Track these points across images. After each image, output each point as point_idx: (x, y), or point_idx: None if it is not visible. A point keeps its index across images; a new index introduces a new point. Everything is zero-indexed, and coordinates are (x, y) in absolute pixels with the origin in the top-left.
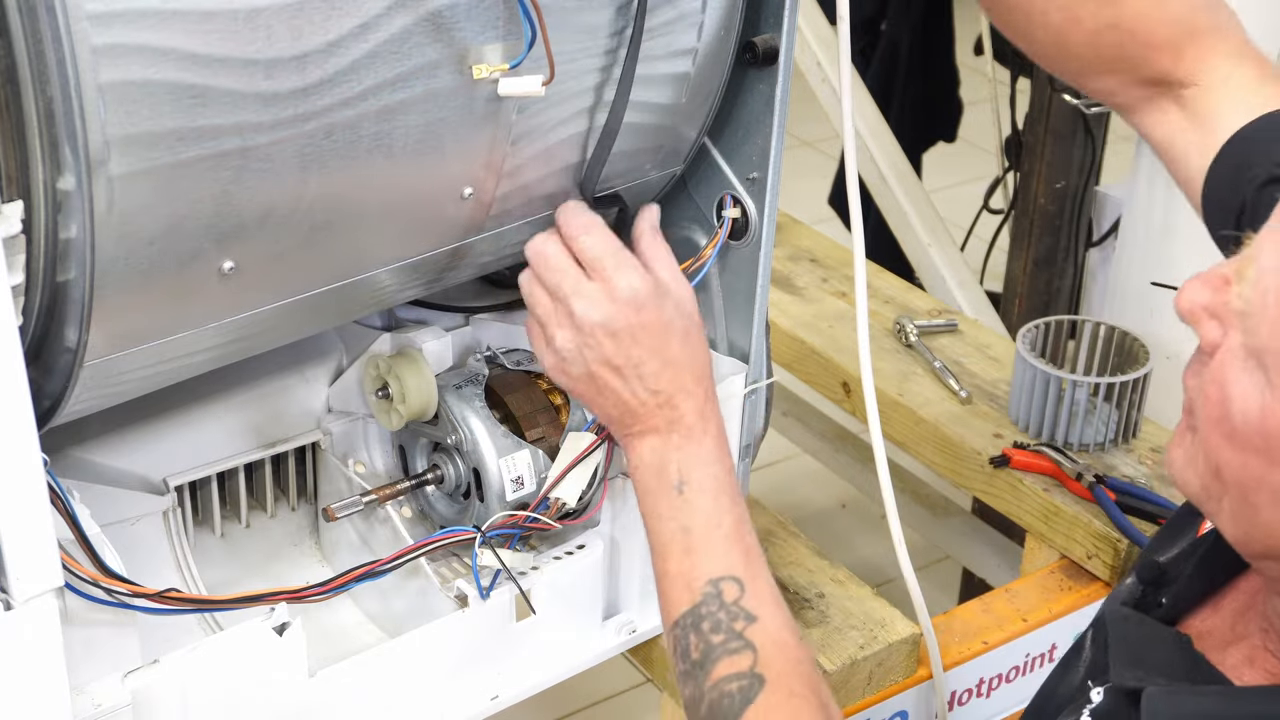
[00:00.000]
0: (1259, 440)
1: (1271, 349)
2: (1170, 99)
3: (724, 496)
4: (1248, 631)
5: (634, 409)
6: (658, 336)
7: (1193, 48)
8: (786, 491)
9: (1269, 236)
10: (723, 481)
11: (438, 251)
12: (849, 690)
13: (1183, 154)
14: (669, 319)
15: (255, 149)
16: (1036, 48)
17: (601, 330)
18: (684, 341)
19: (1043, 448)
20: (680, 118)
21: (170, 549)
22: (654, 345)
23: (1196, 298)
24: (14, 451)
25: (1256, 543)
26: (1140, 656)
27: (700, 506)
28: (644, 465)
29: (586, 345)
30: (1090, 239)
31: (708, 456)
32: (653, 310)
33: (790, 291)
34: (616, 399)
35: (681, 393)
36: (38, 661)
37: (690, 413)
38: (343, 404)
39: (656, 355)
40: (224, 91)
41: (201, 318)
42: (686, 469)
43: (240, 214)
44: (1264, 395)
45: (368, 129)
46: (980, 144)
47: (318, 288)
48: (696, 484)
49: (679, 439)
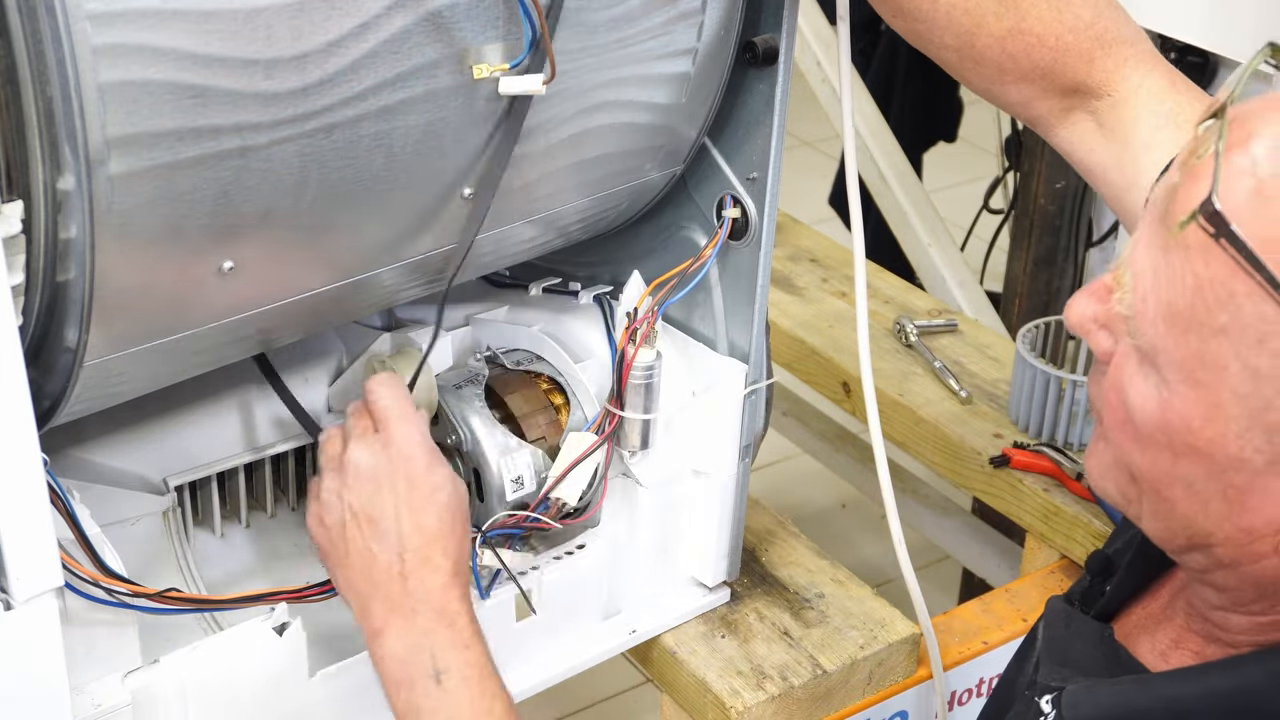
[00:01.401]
0: (1161, 436)
1: (1159, 347)
2: (1085, 111)
3: (489, 681)
4: (1175, 614)
5: (376, 573)
6: (418, 496)
7: (1103, 56)
8: (786, 491)
9: (1140, 239)
10: (483, 666)
11: (437, 251)
12: (849, 690)
13: (1101, 169)
14: (437, 485)
15: (255, 149)
16: (945, 54)
17: (365, 474)
18: (442, 517)
19: (1043, 448)
20: (680, 118)
21: (170, 549)
22: (411, 504)
23: (1084, 310)
24: (14, 451)
25: (1179, 536)
26: (1066, 655)
27: (466, 697)
28: (391, 656)
29: (346, 487)
30: (1090, 239)
31: (461, 639)
32: (422, 469)
33: (790, 291)
34: (363, 558)
35: (427, 565)
36: (38, 661)
37: (435, 590)
38: (343, 404)
39: (411, 515)
40: (224, 91)
41: (201, 318)
42: (441, 656)
43: (240, 214)
44: (1160, 392)
45: (368, 129)
46: (980, 144)
47: (318, 288)
48: (457, 673)
49: (426, 622)
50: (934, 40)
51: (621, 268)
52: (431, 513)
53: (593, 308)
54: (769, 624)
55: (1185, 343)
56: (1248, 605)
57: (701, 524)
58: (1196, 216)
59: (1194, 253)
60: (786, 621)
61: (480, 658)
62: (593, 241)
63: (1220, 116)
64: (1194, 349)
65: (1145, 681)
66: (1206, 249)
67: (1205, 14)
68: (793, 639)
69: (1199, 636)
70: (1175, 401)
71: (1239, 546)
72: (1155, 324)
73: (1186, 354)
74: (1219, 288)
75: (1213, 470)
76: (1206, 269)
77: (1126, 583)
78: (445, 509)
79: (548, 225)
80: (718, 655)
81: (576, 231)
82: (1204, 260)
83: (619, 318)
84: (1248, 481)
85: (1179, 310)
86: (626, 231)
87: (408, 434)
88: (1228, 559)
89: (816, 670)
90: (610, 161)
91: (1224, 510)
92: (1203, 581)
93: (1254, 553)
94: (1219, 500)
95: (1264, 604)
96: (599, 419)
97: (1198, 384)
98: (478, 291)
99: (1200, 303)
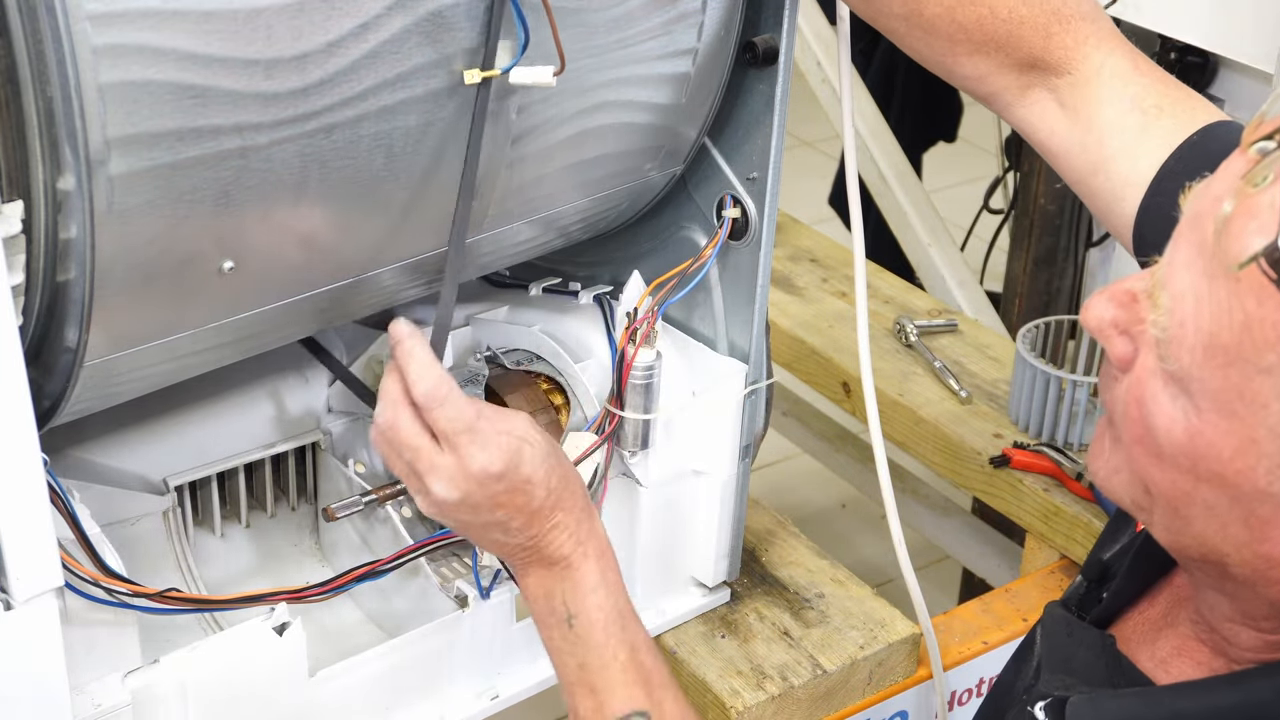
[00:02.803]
0: (1185, 461)
1: (1194, 375)
2: (1044, 88)
3: (614, 624)
4: (1179, 621)
5: (509, 553)
6: (518, 497)
7: (1061, 30)
8: (786, 491)
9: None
10: (609, 608)
11: (437, 251)
12: (849, 690)
13: (1064, 152)
14: (530, 474)
15: (256, 149)
16: (894, 24)
17: (460, 506)
18: (549, 491)
19: (1043, 448)
20: (680, 118)
21: (170, 549)
22: (517, 504)
23: (1104, 314)
24: (14, 451)
25: (1191, 550)
26: (1068, 663)
27: (592, 641)
28: (533, 598)
29: (446, 516)
30: (1090, 239)
31: (591, 582)
32: (511, 476)
33: (790, 291)
34: (492, 546)
35: (552, 530)
36: (38, 661)
37: (565, 543)
38: (343, 404)
39: (520, 513)
40: (224, 92)
41: (202, 318)
42: (573, 600)
43: (240, 214)
44: (1189, 419)
45: (368, 129)
46: (980, 144)
47: (317, 288)
48: (585, 617)
49: (560, 569)
50: (881, 10)
51: (621, 268)
52: (539, 497)
53: (593, 308)
54: (769, 624)
55: (1225, 376)
56: (1259, 621)
57: (701, 524)
58: (1259, 259)
59: (1245, 289)
60: (786, 621)
61: (606, 600)
62: (593, 241)
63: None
64: (1234, 383)
65: (1150, 694)
66: (1261, 288)
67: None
68: (793, 639)
69: (1206, 647)
70: (1206, 430)
71: (1255, 570)
72: (1194, 352)
73: (1225, 386)
74: (1269, 329)
75: (1237, 499)
76: (1259, 308)
77: (1125, 590)
78: (547, 486)
79: (548, 225)
80: (718, 655)
81: (576, 231)
82: (1256, 299)
83: (619, 318)
84: (1272, 513)
85: (1223, 344)
86: (626, 231)
87: (483, 457)
88: (1242, 578)
89: (816, 670)
90: (610, 161)
91: (1244, 536)
92: (1214, 590)
93: (1270, 578)
94: (1239, 526)
95: (1275, 622)
96: (599, 419)
97: (1233, 416)
98: (478, 291)
99: (1248, 340)
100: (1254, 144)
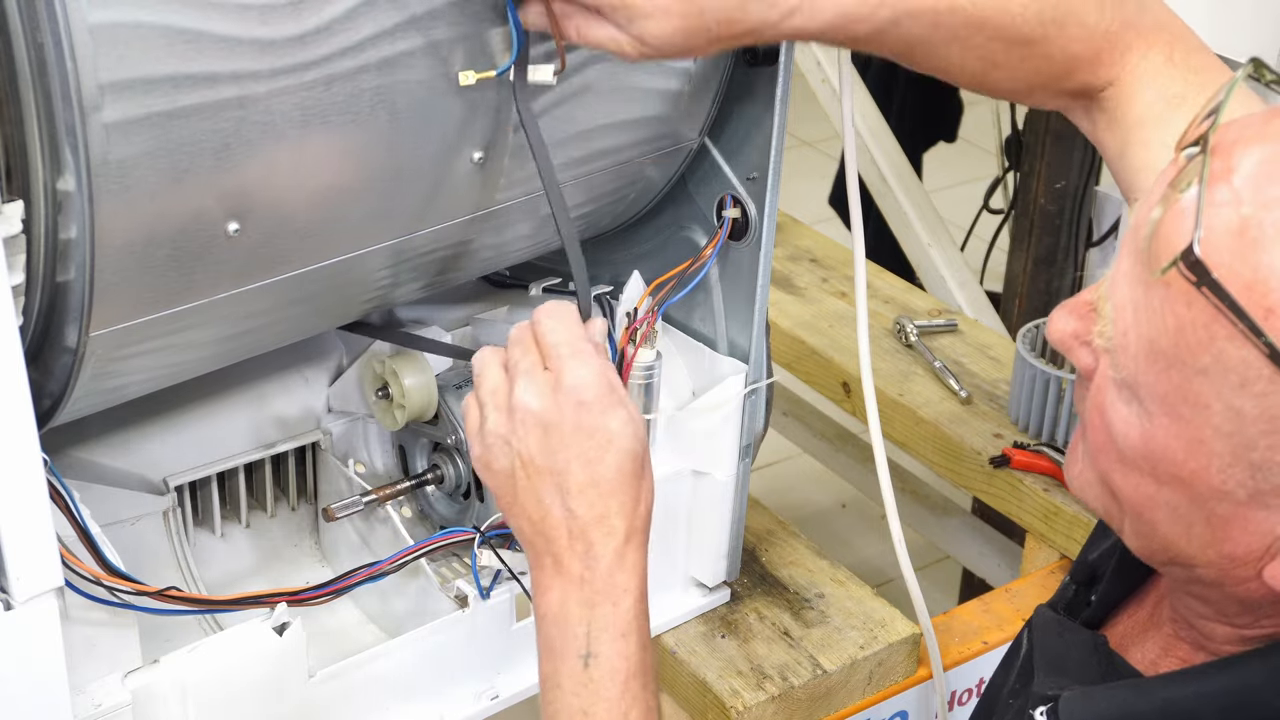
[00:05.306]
0: (1145, 464)
1: (1141, 382)
2: (1093, 100)
3: (635, 681)
4: (1162, 621)
5: (547, 528)
6: (593, 446)
7: (1109, 49)
8: (786, 491)
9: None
10: (636, 661)
11: (447, 225)
12: (849, 690)
13: (1109, 156)
14: (614, 432)
15: (254, 99)
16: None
17: (534, 420)
18: (621, 466)
19: (1043, 448)
20: (680, 118)
21: (170, 549)
22: (586, 455)
23: (1065, 327)
24: (14, 451)
25: (1159, 554)
26: (1062, 664)
27: (606, 692)
28: (550, 617)
29: (515, 435)
30: (1090, 239)
31: (623, 624)
32: (597, 414)
33: (790, 291)
34: (535, 510)
35: (601, 526)
36: (38, 661)
37: (608, 557)
38: (343, 404)
39: (586, 468)
40: (218, 36)
41: (202, 317)
42: (598, 638)
43: (242, 169)
44: (1142, 423)
45: (368, 82)
46: (980, 144)
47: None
48: (607, 664)
49: (590, 594)
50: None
51: (621, 268)
52: (609, 463)
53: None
54: (769, 624)
55: (1167, 378)
56: (1232, 618)
57: (701, 524)
58: (1178, 263)
59: (1175, 293)
60: (786, 621)
61: (634, 649)
62: (592, 241)
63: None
64: (1176, 385)
65: (1141, 685)
66: (1188, 292)
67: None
68: (793, 639)
69: (1186, 644)
70: (1158, 434)
71: (1221, 570)
72: (1137, 359)
73: (1169, 390)
74: (1201, 331)
75: (1195, 499)
76: (1188, 311)
77: (1112, 592)
78: (625, 458)
79: (548, 225)
80: (718, 655)
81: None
82: (1185, 302)
83: (619, 318)
84: (1230, 512)
85: (1161, 349)
86: (626, 231)
87: (581, 375)
88: (1210, 579)
89: (816, 670)
90: (610, 160)
91: (1207, 536)
92: (1187, 592)
93: (1236, 576)
94: (1202, 526)
95: (1248, 618)
96: None
97: (1179, 419)
98: (478, 291)
99: (1182, 343)
100: (1184, 149)
